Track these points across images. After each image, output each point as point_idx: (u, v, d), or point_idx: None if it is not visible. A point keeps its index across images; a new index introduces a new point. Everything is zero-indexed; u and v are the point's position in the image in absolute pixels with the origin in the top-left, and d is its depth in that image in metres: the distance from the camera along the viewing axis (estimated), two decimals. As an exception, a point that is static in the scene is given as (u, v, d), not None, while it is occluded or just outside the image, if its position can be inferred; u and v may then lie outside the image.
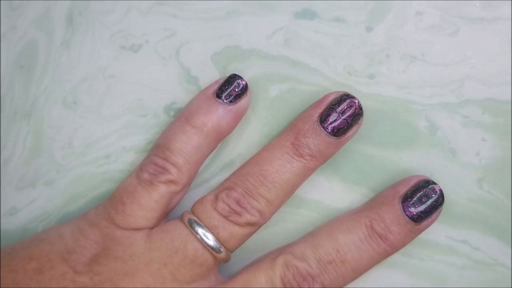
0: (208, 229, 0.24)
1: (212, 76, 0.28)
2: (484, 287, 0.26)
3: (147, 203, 0.25)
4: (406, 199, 0.24)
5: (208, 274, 0.24)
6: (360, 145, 0.27)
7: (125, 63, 0.29)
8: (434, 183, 0.24)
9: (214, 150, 0.28)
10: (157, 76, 0.29)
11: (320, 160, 0.25)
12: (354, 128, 0.25)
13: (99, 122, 0.29)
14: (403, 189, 0.24)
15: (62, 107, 0.29)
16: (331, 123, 0.24)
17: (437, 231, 0.26)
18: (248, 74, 0.28)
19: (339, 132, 0.24)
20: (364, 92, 0.27)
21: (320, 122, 0.25)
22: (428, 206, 0.24)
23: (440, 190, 0.24)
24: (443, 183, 0.26)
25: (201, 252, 0.24)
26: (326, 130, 0.24)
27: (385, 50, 0.27)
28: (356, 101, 0.25)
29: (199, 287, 0.24)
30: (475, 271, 0.26)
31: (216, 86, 0.26)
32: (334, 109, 0.25)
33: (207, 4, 0.29)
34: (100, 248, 0.24)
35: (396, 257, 0.26)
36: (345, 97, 0.25)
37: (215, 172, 0.28)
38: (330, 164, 0.27)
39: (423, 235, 0.26)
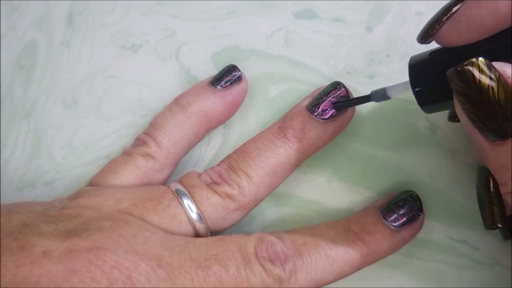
0: (186, 188, 0.24)
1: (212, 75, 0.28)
2: (484, 287, 0.26)
3: (122, 172, 0.25)
4: (385, 206, 0.25)
5: (179, 232, 0.24)
6: (360, 145, 0.27)
7: (125, 63, 0.29)
8: (411, 191, 0.25)
9: (215, 150, 0.28)
10: (157, 76, 0.29)
11: (305, 143, 0.25)
12: (343, 116, 0.25)
13: (99, 122, 0.29)
14: (382, 201, 0.25)
15: (62, 107, 0.29)
16: (316, 105, 0.25)
17: (437, 231, 0.26)
18: (248, 74, 0.28)
19: (324, 113, 0.25)
20: (364, 92, 0.27)
21: (307, 107, 0.25)
22: (405, 209, 0.24)
23: (417, 195, 0.25)
24: (443, 183, 0.26)
25: (176, 203, 0.24)
26: (312, 113, 0.25)
27: (385, 50, 0.27)
28: (342, 85, 0.25)
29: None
30: (475, 271, 0.26)
31: (212, 77, 0.27)
32: (322, 94, 0.25)
33: (207, 4, 0.29)
34: (77, 194, 0.25)
35: (396, 257, 0.26)
36: (334, 83, 0.25)
37: (215, 172, 0.28)
38: (330, 164, 0.27)
39: (423, 235, 0.26)
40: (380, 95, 0.23)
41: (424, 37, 0.21)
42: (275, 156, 0.24)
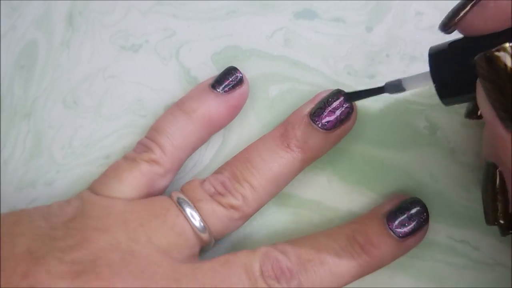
0: (191, 201, 0.24)
1: (212, 76, 0.28)
2: (484, 287, 0.26)
3: (127, 179, 0.25)
4: (391, 214, 0.24)
5: (187, 249, 0.24)
6: (360, 145, 0.27)
7: (125, 63, 0.29)
8: (418, 200, 0.25)
9: (214, 151, 0.28)
10: (157, 76, 0.29)
11: (308, 153, 0.25)
12: (345, 125, 0.25)
13: (99, 122, 0.29)
14: (388, 207, 0.25)
15: (62, 107, 0.29)
16: (319, 115, 0.25)
17: (437, 231, 0.26)
18: (248, 74, 0.28)
19: (327, 124, 0.25)
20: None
21: (310, 116, 0.25)
22: (412, 219, 0.24)
23: (424, 204, 0.25)
24: (443, 183, 0.26)
25: (182, 219, 0.24)
26: (315, 123, 0.25)
27: (385, 50, 0.27)
28: (343, 94, 0.25)
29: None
30: (475, 271, 0.26)
31: (213, 79, 0.27)
32: (324, 103, 0.25)
33: (207, 4, 0.29)
34: (79, 211, 0.24)
35: (396, 257, 0.26)
36: (336, 92, 0.25)
37: (215, 172, 0.28)
38: (330, 164, 0.27)
39: (423, 235, 0.26)
40: (394, 86, 0.23)
41: (447, 25, 0.20)
42: (279, 167, 0.24)
